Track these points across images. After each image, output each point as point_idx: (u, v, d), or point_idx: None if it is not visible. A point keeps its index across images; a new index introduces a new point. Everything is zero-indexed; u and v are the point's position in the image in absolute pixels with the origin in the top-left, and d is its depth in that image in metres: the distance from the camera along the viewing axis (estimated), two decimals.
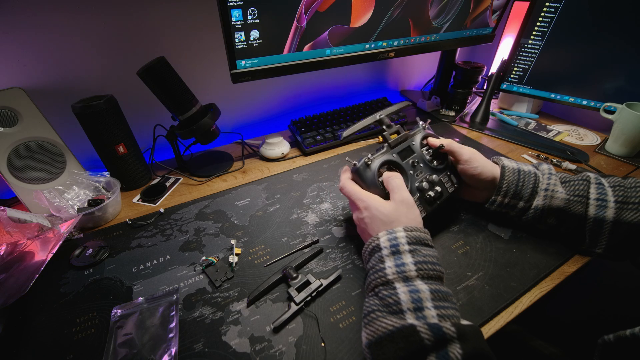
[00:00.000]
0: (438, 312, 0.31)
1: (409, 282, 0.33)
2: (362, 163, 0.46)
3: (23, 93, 0.55)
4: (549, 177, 0.47)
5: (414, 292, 0.32)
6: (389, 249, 0.36)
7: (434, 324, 0.29)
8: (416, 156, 0.49)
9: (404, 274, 0.33)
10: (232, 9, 0.54)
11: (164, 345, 0.38)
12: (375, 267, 0.36)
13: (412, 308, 0.31)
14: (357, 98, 1.05)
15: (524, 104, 0.94)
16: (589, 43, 0.76)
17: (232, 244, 0.51)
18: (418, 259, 0.35)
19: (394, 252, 0.36)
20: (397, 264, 0.34)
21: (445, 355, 0.27)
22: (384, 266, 0.35)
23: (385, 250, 0.36)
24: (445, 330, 0.28)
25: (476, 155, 0.50)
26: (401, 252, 0.35)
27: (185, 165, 0.72)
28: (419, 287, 0.32)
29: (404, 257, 0.35)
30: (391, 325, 0.30)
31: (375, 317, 0.32)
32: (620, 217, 0.42)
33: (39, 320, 0.42)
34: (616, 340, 0.37)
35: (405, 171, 0.47)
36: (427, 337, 0.28)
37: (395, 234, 0.37)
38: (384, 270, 0.35)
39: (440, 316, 0.30)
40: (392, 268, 0.34)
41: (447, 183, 0.50)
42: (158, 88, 0.59)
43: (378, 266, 0.36)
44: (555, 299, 0.62)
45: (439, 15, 0.76)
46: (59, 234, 0.50)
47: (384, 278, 0.34)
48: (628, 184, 0.44)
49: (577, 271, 0.47)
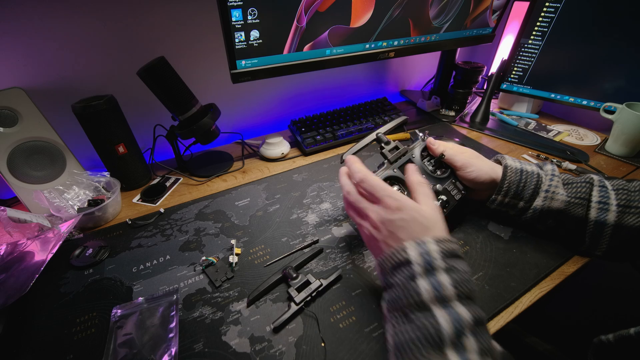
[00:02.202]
0: (479, 345, 0.27)
1: (448, 306, 0.29)
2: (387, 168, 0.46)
3: (23, 93, 0.55)
4: (552, 179, 0.46)
5: (456, 321, 0.28)
6: (422, 266, 0.31)
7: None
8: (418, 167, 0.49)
9: (441, 296, 0.29)
10: (232, 9, 0.54)
11: (164, 345, 0.38)
12: (406, 285, 0.31)
13: (455, 341, 0.27)
14: (357, 98, 1.05)
15: (524, 104, 0.94)
16: (589, 43, 0.76)
17: (232, 244, 0.51)
18: (455, 277, 0.30)
19: (427, 269, 0.31)
20: (433, 286, 0.30)
21: None
22: (418, 285, 0.30)
23: (417, 267, 0.31)
24: None
25: (471, 159, 0.49)
26: (436, 269, 0.31)
27: (185, 165, 0.72)
28: (460, 313, 0.28)
29: (440, 275, 0.30)
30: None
31: (410, 349, 0.28)
32: (622, 221, 0.42)
33: (39, 320, 0.42)
34: (616, 339, 0.37)
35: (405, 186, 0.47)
36: None
37: (427, 247, 0.32)
38: (418, 290, 0.30)
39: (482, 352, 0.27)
40: (429, 289, 0.30)
41: (452, 191, 0.50)
42: (158, 88, 0.59)
43: (409, 285, 0.31)
44: (555, 299, 0.63)
45: (439, 15, 0.76)
46: (59, 234, 0.50)
47: (418, 299, 0.30)
48: (632, 188, 0.43)
49: (577, 271, 0.47)
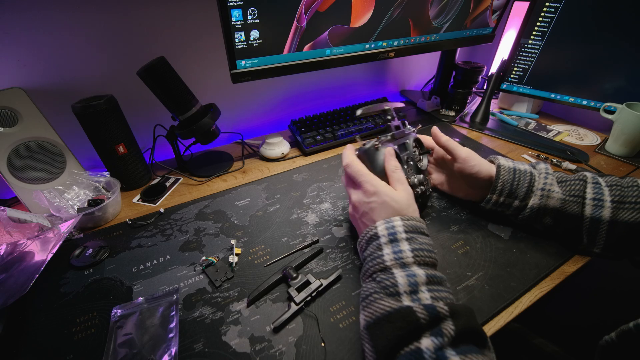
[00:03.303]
0: (432, 294, 0.32)
1: (406, 268, 0.34)
2: (371, 146, 0.46)
3: (23, 93, 0.55)
4: (546, 177, 0.47)
5: (410, 277, 0.33)
6: (387, 237, 0.37)
7: (429, 304, 0.31)
8: (409, 153, 0.50)
9: (401, 260, 0.35)
10: (232, 9, 0.54)
11: (164, 345, 0.38)
12: (373, 254, 0.37)
13: (409, 291, 0.32)
14: (357, 98, 1.05)
15: (524, 104, 0.94)
16: (589, 43, 0.76)
17: (232, 244, 0.51)
18: (415, 246, 0.36)
19: (391, 240, 0.37)
20: (394, 251, 0.36)
21: (439, 331, 0.29)
22: (382, 253, 0.36)
23: (383, 239, 0.37)
24: (439, 309, 0.30)
25: (473, 154, 0.50)
26: (399, 240, 0.36)
27: (185, 165, 0.72)
28: (415, 272, 0.34)
29: (402, 244, 0.36)
30: (389, 306, 0.32)
31: (373, 299, 0.33)
32: (616, 217, 0.42)
33: (39, 320, 0.42)
34: (618, 335, 0.37)
35: (403, 165, 0.48)
36: (422, 317, 0.29)
37: (393, 223, 0.38)
38: (382, 257, 0.36)
39: (434, 298, 0.32)
40: (390, 255, 0.35)
41: (426, 185, 0.51)
42: (158, 88, 0.59)
43: (376, 253, 0.37)
44: (556, 300, 0.63)
45: (439, 15, 0.76)
46: (59, 234, 0.50)
47: (382, 264, 0.35)
48: (625, 184, 0.44)
49: (577, 271, 0.47)
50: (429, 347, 0.28)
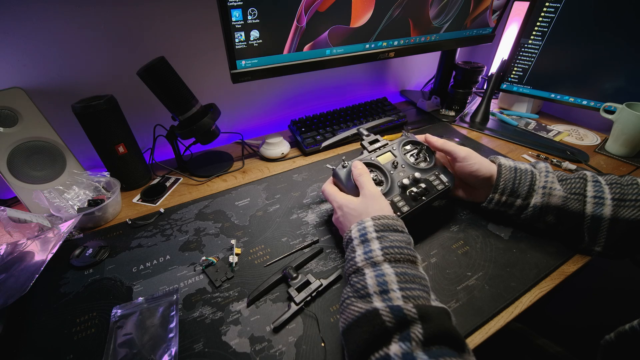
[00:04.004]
0: (403, 293, 0.31)
1: (376, 267, 0.34)
2: (340, 165, 0.50)
3: (23, 93, 0.55)
4: (547, 175, 0.47)
5: (379, 276, 0.33)
6: (359, 238, 0.38)
7: (396, 306, 0.30)
8: (397, 158, 0.52)
9: (371, 260, 0.35)
10: (232, 9, 0.54)
11: (164, 345, 0.38)
12: (349, 256, 0.38)
13: (379, 291, 0.32)
14: (357, 98, 1.05)
15: (524, 104, 0.94)
16: (589, 43, 0.76)
17: (232, 244, 0.51)
18: (385, 244, 0.36)
19: (363, 240, 0.37)
20: (365, 251, 0.36)
21: (407, 336, 0.28)
22: (355, 255, 0.37)
23: (355, 240, 0.38)
24: (406, 312, 0.29)
25: (472, 153, 0.51)
26: (369, 239, 0.37)
27: (185, 165, 0.72)
28: (385, 271, 0.33)
29: (372, 244, 0.36)
30: (358, 310, 0.31)
31: (347, 304, 0.33)
32: (617, 215, 0.42)
33: (39, 320, 0.42)
34: (617, 336, 0.38)
35: (385, 171, 0.50)
36: (388, 320, 0.29)
37: (364, 224, 0.39)
38: (355, 258, 0.36)
39: (405, 297, 0.31)
40: (361, 255, 0.36)
41: (434, 181, 0.51)
42: (158, 88, 0.59)
43: (350, 256, 0.38)
44: (556, 300, 0.62)
45: (439, 15, 0.76)
46: (59, 234, 0.50)
47: (354, 266, 0.36)
48: (625, 182, 0.44)
49: (577, 271, 0.47)
50: (397, 352, 0.27)
